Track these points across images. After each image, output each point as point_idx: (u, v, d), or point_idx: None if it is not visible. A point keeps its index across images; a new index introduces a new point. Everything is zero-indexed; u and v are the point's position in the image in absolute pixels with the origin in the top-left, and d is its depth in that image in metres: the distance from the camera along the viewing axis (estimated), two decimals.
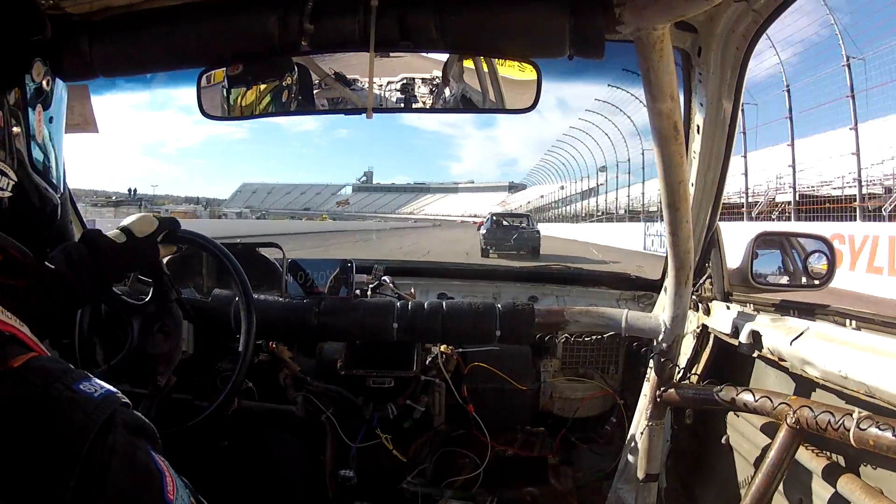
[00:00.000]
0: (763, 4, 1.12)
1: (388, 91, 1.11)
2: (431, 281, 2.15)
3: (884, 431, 0.87)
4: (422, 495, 1.80)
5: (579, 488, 1.94)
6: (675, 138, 1.07)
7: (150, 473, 0.57)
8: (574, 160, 39.30)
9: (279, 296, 1.67)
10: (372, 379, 1.75)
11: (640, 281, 2.02)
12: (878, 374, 0.94)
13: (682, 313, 1.40)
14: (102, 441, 0.53)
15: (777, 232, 1.59)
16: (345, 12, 0.97)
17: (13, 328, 0.59)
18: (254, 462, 1.49)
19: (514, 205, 77.50)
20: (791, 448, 1.08)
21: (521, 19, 0.96)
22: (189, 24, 1.01)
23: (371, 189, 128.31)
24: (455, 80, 1.10)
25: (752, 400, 1.17)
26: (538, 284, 2.12)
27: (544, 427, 1.98)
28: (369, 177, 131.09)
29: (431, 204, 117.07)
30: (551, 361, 1.93)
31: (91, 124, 1.24)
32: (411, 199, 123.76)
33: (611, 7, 0.92)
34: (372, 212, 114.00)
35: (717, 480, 1.52)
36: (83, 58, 1.01)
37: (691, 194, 1.33)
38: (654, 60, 0.96)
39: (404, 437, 1.81)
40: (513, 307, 1.63)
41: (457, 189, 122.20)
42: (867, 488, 0.97)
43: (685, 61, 1.32)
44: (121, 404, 0.58)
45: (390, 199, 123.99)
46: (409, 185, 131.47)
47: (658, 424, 1.50)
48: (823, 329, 1.14)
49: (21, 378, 0.54)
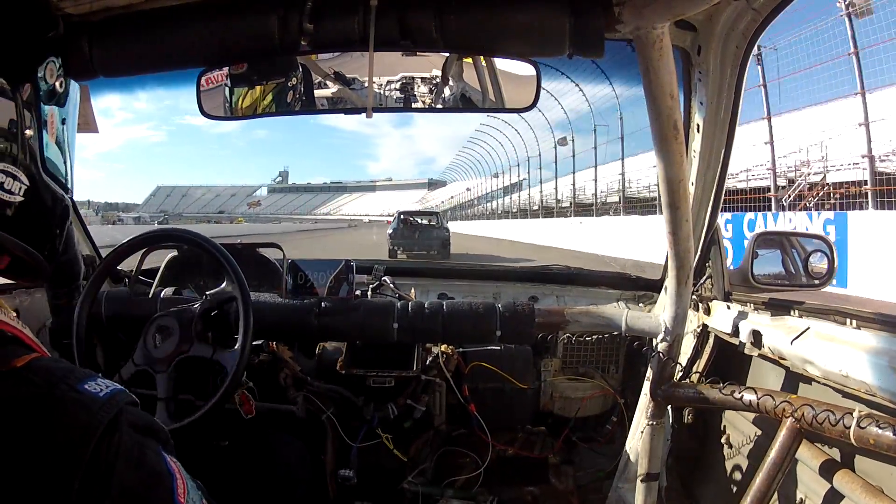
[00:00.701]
0: (763, 3, 1.12)
1: (388, 90, 1.11)
2: (431, 281, 2.15)
3: (884, 430, 0.87)
4: (422, 495, 1.80)
5: (580, 488, 1.94)
6: (674, 137, 1.07)
7: (158, 474, 0.56)
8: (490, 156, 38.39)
9: (279, 296, 1.67)
10: (372, 379, 1.75)
11: (640, 281, 2.02)
12: (878, 373, 0.94)
13: (683, 313, 1.40)
14: (108, 441, 0.52)
15: (777, 232, 1.59)
16: (345, 12, 0.97)
17: (16, 329, 0.59)
18: (254, 462, 1.49)
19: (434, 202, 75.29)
20: (792, 446, 1.08)
21: (521, 19, 0.96)
22: (189, 24, 1.01)
23: (286, 190, 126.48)
24: (455, 79, 1.10)
25: (752, 398, 1.17)
26: (538, 284, 2.12)
27: (545, 426, 1.98)
28: (284, 177, 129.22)
29: (349, 203, 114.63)
30: (552, 361, 1.93)
31: (91, 125, 1.24)
32: (328, 198, 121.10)
33: (610, 6, 0.92)
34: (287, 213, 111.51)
35: (718, 479, 1.52)
36: (83, 58, 1.01)
37: (691, 193, 1.32)
38: (654, 59, 0.96)
39: (405, 436, 1.81)
40: (513, 307, 1.63)
41: (374, 188, 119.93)
42: (867, 487, 0.97)
43: (685, 60, 1.32)
44: (127, 403, 0.57)
45: (306, 200, 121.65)
46: (325, 184, 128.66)
47: (659, 423, 1.50)
48: (824, 328, 1.14)
49: (24, 378, 0.53)
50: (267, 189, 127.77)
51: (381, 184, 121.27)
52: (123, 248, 1.54)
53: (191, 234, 1.55)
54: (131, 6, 1.01)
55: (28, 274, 0.64)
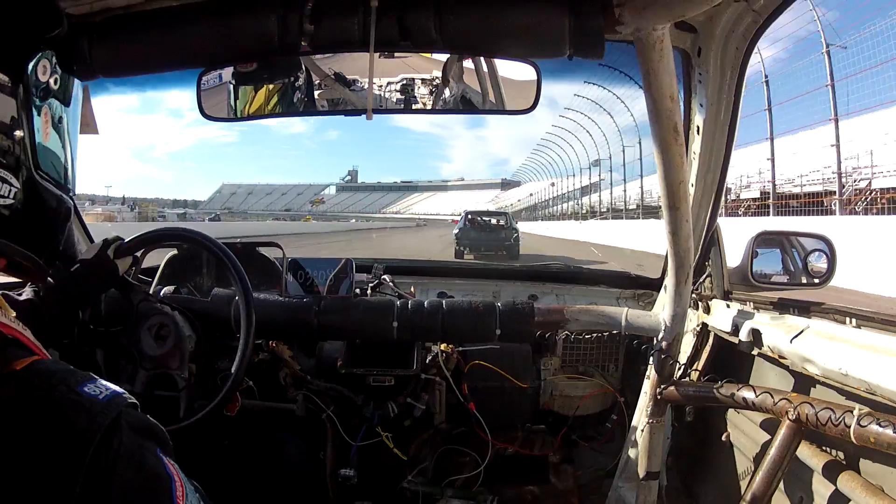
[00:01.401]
0: (763, 4, 1.12)
1: (388, 91, 1.11)
2: (431, 280, 2.15)
3: (884, 428, 0.87)
4: (422, 494, 1.81)
5: (580, 487, 1.95)
6: (674, 139, 1.07)
7: (158, 477, 0.56)
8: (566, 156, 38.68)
9: (279, 295, 1.67)
10: (372, 377, 1.75)
11: (640, 279, 2.03)
12: (878, 372, 0.95)
13: (682, 311, 1.40)
14: (108, 443, 0.52)
15: (777, 231, 1.59)
16: (345, 12, 0.97)
17: (16, 332, 0.58)
18: (254, 461, 1.49)
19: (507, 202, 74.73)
20: (792, 445, 1.08)
21: (520, 19, 0.96)
22: (189, 24, 1.01)
23: (355, 188, 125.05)
24: (455, 80, 1.10)
25: (752, 396, 1.17)
26: (538, 283, 2.13)
27: (545, 425, 1.99)
28: (353, 176, 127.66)
29: (419, 203, 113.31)
30: (551, 359, 1.93)
31: (91, 126, 1.23)
32: (398, 197, 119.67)
33: (610, 7, 0.92)
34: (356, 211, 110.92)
35: (718, 478, 1.53)
36: (83, 58, 1.01)
37: (691, 194, 1.33)
38: (654, 61, 0.96)
39: (405, 435, 1.81)
40: (513, 306, 1.63)
41: (446, 187, 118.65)
42: (867, 485, 0.98)
43: (685, 61, 1.32)
44: (127, 405, 0.57)
45: (376, 199, 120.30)
46: (395, 183, 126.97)
47: (658, 422, 1.51)
48: (823, 327, 1.14)
49: (24, 381, 0.53)
50: (335, 188, 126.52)
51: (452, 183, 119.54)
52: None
53: (192, 233, 1.55)
54: (131, 6, 1.01)
55: (26, 275, 0.63)
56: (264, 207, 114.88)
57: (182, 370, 1.39)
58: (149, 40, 1.03)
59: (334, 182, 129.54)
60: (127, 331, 1.43)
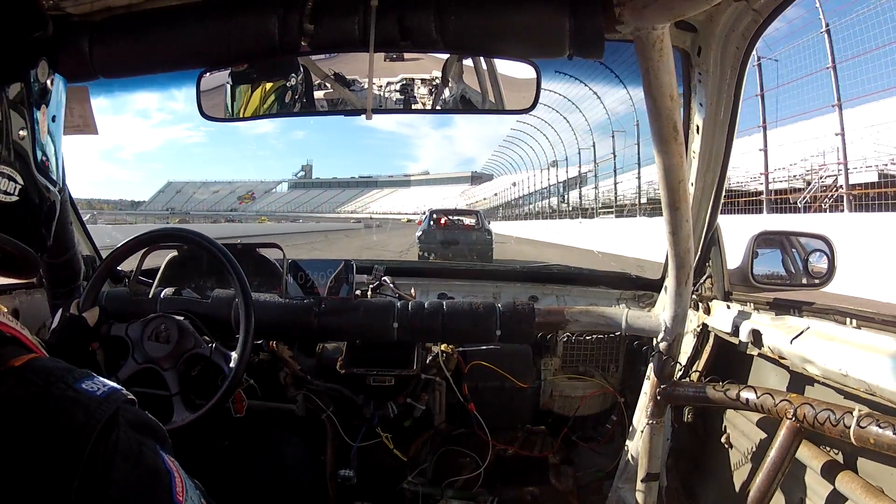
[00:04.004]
0: (763, 4, 1.12)
1: (388, 92, 1.11)
2: (431, 281, 2.15)
3: (884, 429, 0.87)
4: (422, 495, 1.81)
5: (580, 488, 1.95)
6: (674, 138, 1.07)
7: (157, 473, 0.55)
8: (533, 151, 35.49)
9: (279, 296, 1.67)
10: (372, 378, 1.75)
11: (640, 280, 2.03)
12: (878, 373, 0.94)
13: (683, 312, 1.40)
14: (106, 439, 0.52)
15: (777, 231, 1.59)
16: (345, 12, 0.97)
17: (15, 330, 0.59)
18: (254, 461, 1.49)
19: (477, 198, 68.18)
20: (792, 446, 1.08)
21: (520, 19, 0.96)
22: (189, 24, 1.01)
23: (309, 185, 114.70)
24: (455, 80, 1.10)
25: (752, 397, 1.17)
26: (538, 284, 2.12)
27: (545, 425, 1.99)
28: (308, 172, 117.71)
29: (379, 200, 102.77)
30: (552, 360, 1.93)
31: (90, 126, 1.24)
32: (356, 195, 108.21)
33: (610, 6, 0.91)
34: (307, 211, 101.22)
35: (718, 479, 1.53)
36: (83, 58, 1.01)
37: (691, 194, 1.33)
38: (654, 60, 0.96)
39: (405, 436, 1.81)
40: (513, 307, 1.63)
41: (409, 182, 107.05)
42: (867, 487, 0.98)
43: (685, 61, 1.32)
44: (125, 402, 0.57)
45: (331, 196, 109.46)
46: (352, 179, 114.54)
47: (658, 423, 1.50)
48: (824, 328, 1.14)
49: (22, 377, 0.53)
50: (287, 185, 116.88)
51: (416, 178, 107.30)
52: (124, 248, 1.54)
53: (192, 234, 1.55)
54: (132, 6, 1.01)
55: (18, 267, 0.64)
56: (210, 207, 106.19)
57: (178, 371, 1.39)
58: (149, 40, 1.03)
59: (286, 179, 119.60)
60: (127, 331, 1.44)
